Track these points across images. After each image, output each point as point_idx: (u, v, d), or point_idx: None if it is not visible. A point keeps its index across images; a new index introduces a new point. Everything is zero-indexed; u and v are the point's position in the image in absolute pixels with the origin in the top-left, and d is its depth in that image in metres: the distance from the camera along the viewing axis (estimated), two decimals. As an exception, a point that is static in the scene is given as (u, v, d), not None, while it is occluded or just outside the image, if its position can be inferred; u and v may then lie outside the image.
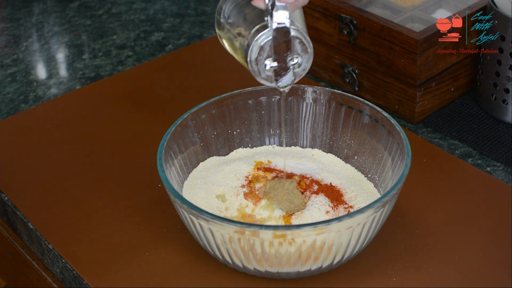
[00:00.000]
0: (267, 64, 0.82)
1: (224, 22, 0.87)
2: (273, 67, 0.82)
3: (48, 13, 1.45)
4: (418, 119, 1.11)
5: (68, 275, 0.91)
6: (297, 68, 0.83)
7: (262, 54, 0.81)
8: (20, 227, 1.00)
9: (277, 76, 0.83)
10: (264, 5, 0.81)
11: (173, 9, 1.45)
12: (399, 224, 0.93)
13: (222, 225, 0.80)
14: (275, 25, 0.80)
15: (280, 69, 0.83)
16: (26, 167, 1.05)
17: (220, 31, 0.89)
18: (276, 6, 0.80)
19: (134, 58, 1.30)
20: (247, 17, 0.84)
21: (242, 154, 1.00)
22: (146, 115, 1.14)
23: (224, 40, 0.89)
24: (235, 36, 0.85)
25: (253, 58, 0.81)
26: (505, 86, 1.08)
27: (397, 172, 0.89)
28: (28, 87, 1.24)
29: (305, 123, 1.00)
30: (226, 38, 0.88)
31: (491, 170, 1.02)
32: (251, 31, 0.82)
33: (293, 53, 0.82)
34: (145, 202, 0.97)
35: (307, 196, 0.91)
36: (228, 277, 0.87)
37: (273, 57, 0.82)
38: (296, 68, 0.83)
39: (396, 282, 0.86)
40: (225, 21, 0.87)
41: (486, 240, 0.91)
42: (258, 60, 0.81)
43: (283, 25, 0.80)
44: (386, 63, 1.10)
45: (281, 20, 0.80)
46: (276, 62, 0.82)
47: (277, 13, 0.80)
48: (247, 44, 0.82)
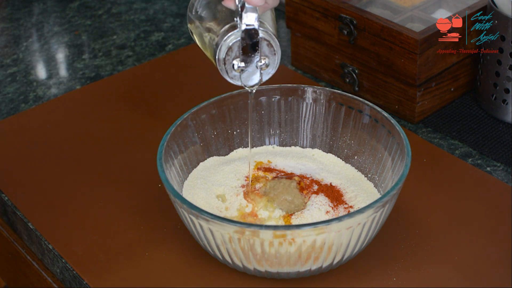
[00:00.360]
0: (235, 64, 0.84)
1: (194, 18, 0.89)
2: (241, 67, 0.84)
3: (48, 13, 1.45)
4: (418, 119, 1.11)
5: (68, 275, 0.91)
6: (265, 69, 0.85)
7: (230, 54, 0.83)
8: (20, 227, 1.00)
9: (245, 76, 0.85)
10: (234, 6, 0.82)
11: (173, 9, 1.45)
12: (399, 224, 0.93)
13: (222, 225, 0.80)
14: (244, 27, 0.82)
15: (248, 70, 0.85)
16: (26, 167, 1.05)
17: (191, 26, 0.90)
18: (246, 8, 0.81)
19: (134, 58, 1.30)
20: (217, 15, 0.86)
21: (242, 154, 1.00)
22: (146, 115, 1.14)
23: (195, 36, 0.90)
24: (204, 31, 0.87)
25: (221, 57, 0.83)
26: (505, 86, 1.08)
27: (397, 172, 0.89)
28: (28, 87, 1.24)
29: (305, 123, 1.00)
30: (197, 33, 0.89)
31: (491, 170, 1.02)
32: (221, 30, 0.83)
33: (261, 54, 0.84)
34: (145, 202, 0.97)
35: (307, 196, 0.91)
36: (228, 277, 0.87)
37: (240, 57, 0.83)
38: (264, 69, 0.85)
39: (396, 282, 0.86)
40: (196, 17, 0.89)
41: (486, 240, 0.91)
42: (226, 59, 0.83)
43: (252, 26, 0.82)
44: (386, 63, 1.10)
45: (250, 22, 0.82)
46: (244, 62, 0.84)
47: (246, 14, 0.81)
48: (216, 44, 0.83)
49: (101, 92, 1.21)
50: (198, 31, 0.89)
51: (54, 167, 1.05)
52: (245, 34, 0.82)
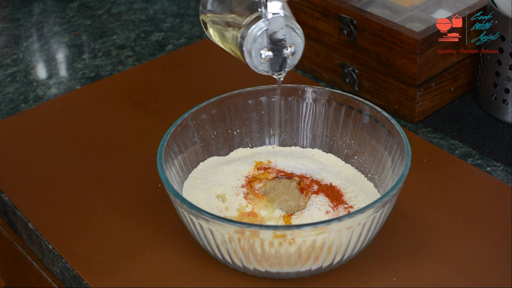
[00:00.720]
0: (263, 53, 0.85)
1: (210, 11, 0.90)
2: (268, 56, 0.85)
3: (48, 13, 1.45)
4: (418, 119, 1.11)
5: (68, 275, 0.91)
6: (291, 56, 0.86)
7: (257, 45, 0.84)
8: (20, 227, 1.00)
9: (272, 65, 0.86)
10: None
11: (173, 9, 1.45)
12: (399, 224, 0.93)
13: (222, 225, 0.80)
14: (270, 15, 0.83)
15: (275, 59, 0.85)
16: (26, 167, 1.05)
17: (205, 18, 0.91)
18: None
19: (134, 58, 1.30)
20: (237, 8, 0.87)
21: (242, 154, 1.00)
22: (146, 115, 1.14)
23: (210, 29, 0.90)
24: (225, 26, 0.87)
25: (248, 48, 0.84)
26: (505, 86, 1.08)
27: (397, 172, 0.89)
28: (28, 87, 1.24)
29: (305, 123, 1.00)
30: (214, 27, 0.90)
31: (491, 170, 1.02)
32: (244, 22, 0.84)
33: (288, 42, 0.85)
34: (145, 202, 0.97)
35: (307, 196, 0.91)
36: (228, 277, 0.87)
37: (268, 47, 0.84)
38: (290, 56, 0.86)
39: (396, 282, 0.86)
40: (213, 10, 0.89)
41: (486, 240, 0.91)
42: (254, 50, 0.84)
43: (278, 15, 0.83)
44: (386, 63, 1.10)
45: (275, 10, 0.83)
46: (271, 51, 0.85)
47: (271, 3, 0.83)
48: (241, 35, 0.84)
49: (101, 92, 1.21)
50: (215, 25, 0.89)
51: (54, 167, 1.05)
52: (271, 23, 0.83)
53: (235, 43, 0.86)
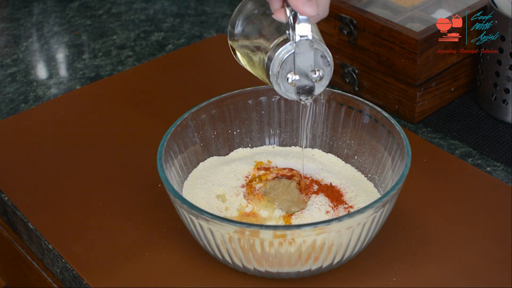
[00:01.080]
0: (289, 77, 0.81)
1: (238, 35, 0.87)
2: (295, 81, 0.81)
3: (48, 13, 1.45)
4: (418, 119, 1.11)
5: (68, 275, 0.91)
6: (319, 81, 0.82)
7: (284, 68, 0.80)
8: (20, 227, 1.00)
9: (299, 89, 0.82)
10: (286, 19, 0.80)
11: (173, 9, 1.45)
12: (399, 224, 0.93)
13: (222, 225, 0.80)
14: (298, 38, 0.79)
15: (302, 83, 0.82)
16: (26, 167, 1.05)
17: (233, 43, 0.88)
18: (299, 19, 0.79)
19: (134, 58, 1.30)
20: (265, 31, 0.83)
21: (242, 154, 1.00)
22: (146, 115, 1.14)
23: (238, 54, 0.88)
24: (252, 50, 0.85)
25: (275, 71, 0.80)
26: (505, 86, 1.08)
27: (397, 172, 0.89)
28: (28, 87, 1.24)
29: (305, 123, 1.00)
30: (242, 52, 0.87)
31: (491, 170, 1.02)
32: (271, 45, 0.81)
33: (316, 66, 0.81)
34: (145, 202, 0.97)
35: (307, 196, 0.91)
36: (228, 277, 0.87)
37: (295, 70, 0.81)
38: (318, 81, 0.82)
39: (396, 282, 0.86)
40: (240, 34, 0.86)
41: (486, 240, 0.91)
42: (280, 74, 0.81)
43: (306, 37, 0.79)
44: (386, 63, 1.10)
45: (304, 33, 0.79)
46: (298, 75, 0.81)
47: (299, 25, 0.79)
48: (268, 58, 0.81)
49: (101, 92, 1.21)
50: (243, 50, 0.86)
51: (54, 167, 1.05)
52: (299, 46, 0.79)
53: (262, 66, 0.82)
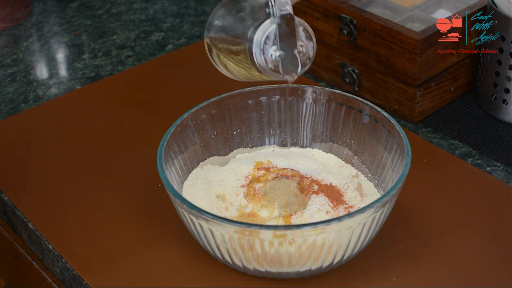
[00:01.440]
0: (273, 53, 0.81)
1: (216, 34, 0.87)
2: (280, 55, 0.81)
3: (48, 13, 1.45)
4: (418, 119, 1.11)
5: (68, 275, 0.91)
6: (302, 56, 0.82)
7: (268, 43, 0.81)
8: (20, 227, 1.00)
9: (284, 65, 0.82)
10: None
11: (173, 9, 1.45)
12: (399, 224, 0.93)
13: (222, 225, 0.80)
14: (279, 12, 0.80)
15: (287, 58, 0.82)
16: (26, 167, 1.05)
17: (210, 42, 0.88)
18: None
19: (134, 58, 1.30)
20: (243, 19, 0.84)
21: (242, 154, 1.00)
22: (146, 115, 1.14)
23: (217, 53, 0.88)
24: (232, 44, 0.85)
25: (258, 50, 0.80)
26: (505, 86, 1.08)
27: (397, 172, 0.89)
28: (28, 87, 1.24)
29: (305, 123, 1.00)
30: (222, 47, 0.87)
31: (491, 170, 1.02)
32: (251, 29, 0.81)
33: (298, 40, 0.81)
34: (145, 202, 0.97)
35: (307, 196, 0.91)
36: (228, 277, 0.87)
37: (278, 45, 0.81)
38: (301, 56, 0.82)
39: (396, 282, 0.86)
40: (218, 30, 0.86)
41: (486, 240, 0.91)
42: (265, 49, 0.81)
43: (287, 11, 0.80)
44: (386, 63, 1.10)
45: (283, 7, 0.80)
46: (281, 50, 0.81)
47: (278, 1, 0.80)
48: (249, 40, 0.81)
49: (101, 92, 1.21)
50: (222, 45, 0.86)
51: (54, 167, 1.05)
52: (280, 20, 0.80)
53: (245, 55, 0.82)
